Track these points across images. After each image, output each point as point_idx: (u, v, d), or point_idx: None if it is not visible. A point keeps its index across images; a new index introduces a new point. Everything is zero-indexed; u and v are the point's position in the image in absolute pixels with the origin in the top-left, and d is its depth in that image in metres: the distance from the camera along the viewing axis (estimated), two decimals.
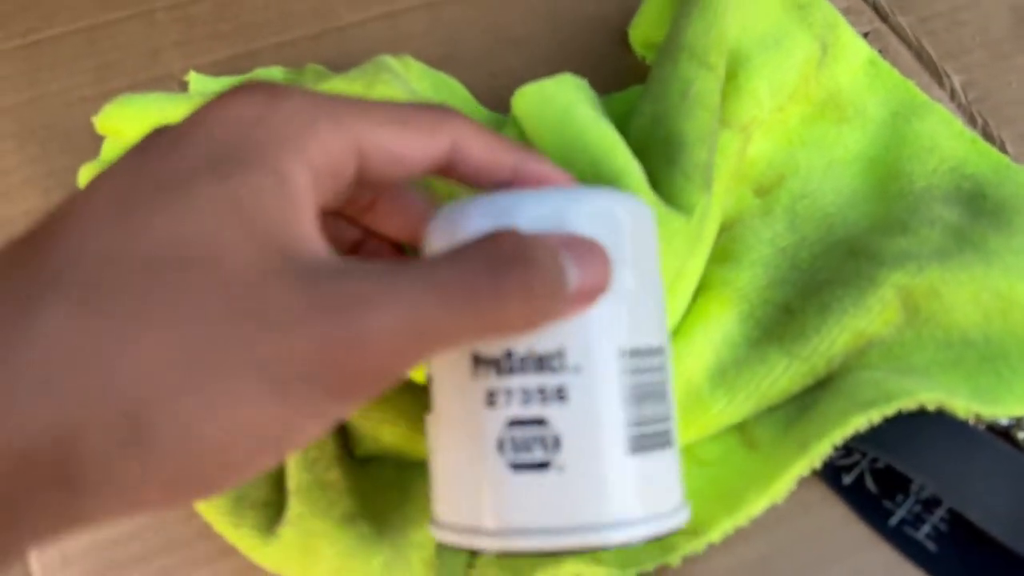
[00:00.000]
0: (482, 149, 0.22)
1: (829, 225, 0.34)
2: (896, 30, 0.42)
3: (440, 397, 0.23)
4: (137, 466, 0.16)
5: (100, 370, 0.15)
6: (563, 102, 0.31)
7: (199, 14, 0.41)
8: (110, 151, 0.35)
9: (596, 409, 0.21)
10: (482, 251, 0.19)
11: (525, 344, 0.21)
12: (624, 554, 0.28)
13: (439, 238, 0.23)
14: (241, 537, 0.28)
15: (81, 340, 0.15)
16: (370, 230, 0.25)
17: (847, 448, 0.30)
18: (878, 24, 0.42)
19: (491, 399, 0.21)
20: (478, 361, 0.22)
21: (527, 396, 0.21)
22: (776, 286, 0.32)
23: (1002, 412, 0.28)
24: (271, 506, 0.29)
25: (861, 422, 0.27)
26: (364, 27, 0.41)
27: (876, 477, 0.30)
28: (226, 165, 0.18)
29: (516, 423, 0.21)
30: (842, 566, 0.29)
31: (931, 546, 0.28)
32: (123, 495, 0.16)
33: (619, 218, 0.23)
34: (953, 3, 0.43)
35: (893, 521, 0.29)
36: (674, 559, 0.28)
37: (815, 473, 0.30)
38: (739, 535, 0.28)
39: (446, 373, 0.23)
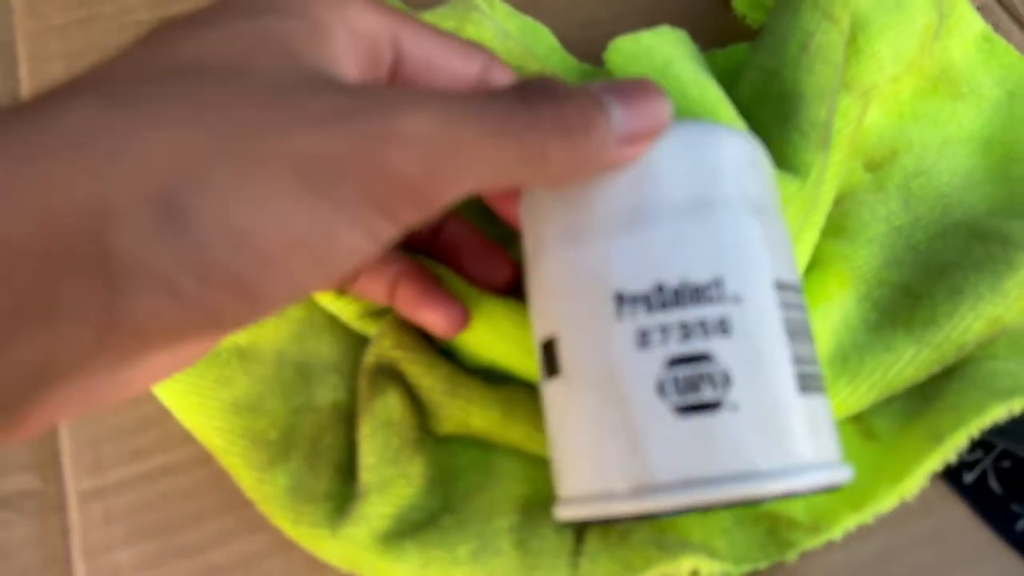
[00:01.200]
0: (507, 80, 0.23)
1: (945, 205, 0.32)
2: (1005, 5, 0.39)
3: (571, 354, 0.20)
4: (170, 251, 0.15)
5: (131, 151, 0.15)
6: (662, 56, 0.29)
7: None
8: None
9: (764, 341, 0.19)
10: (516, 89, 0.19)
11: (676, 274, 0.19)
12: (741, 549, 0.25)
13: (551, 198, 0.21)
14: (301, 534, 0.26)
15: (112, 124, 0.15)
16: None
17: (971, 444, 0.28)
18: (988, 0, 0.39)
19: (643, 339, 0.19)
20: (622, 300, 0.20)
21: (687, 331, 0.19)
22: (892, 266, 0.30)
23: None
24: (333, 498, 0.26)
25: (1001, 412, 0.25)
26: None
27: (1000, 477, 0.27)
28: (262, 8, 0.18)
29: (677, 361, 0.19)
30: (963, 572, 0.26)
31: None
32: (159, 288, 0.15)
33: (753, 156, 0.22)
34: None
35: (1020, 526, 0.27)
36: (791, 555, 0.25)
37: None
38: (856, 533, 0.26)
39: (578, 324, 0.20)
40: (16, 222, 0.14)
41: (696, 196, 0.20)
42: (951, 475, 0.28)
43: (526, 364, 0.27)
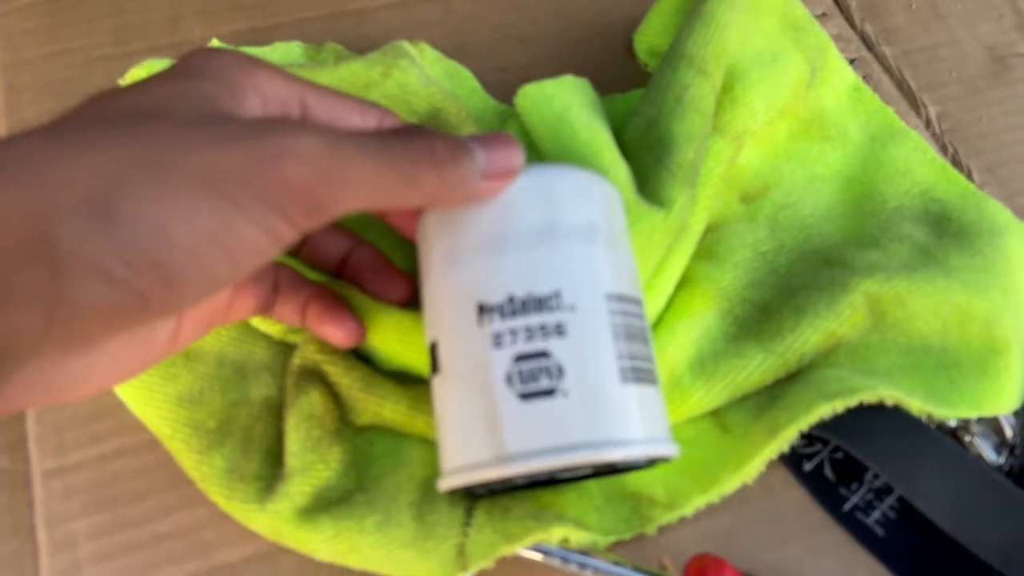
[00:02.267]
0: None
1: (806, 235, 0.37)
2: (880, 59, 0.45)
3: (447, 354, 0.25)
4: (103, 244, 0.19)
5: (67, 169, 0.19)
6: (561, 103, 0.33)
7: None
8: None
9: (591, 340, 0.24)
10: (396, 129, 0.24)
11: (524, 289, 0.24)
12: (609, 523, 0.30)
13: (436, 229, 0.26)
14: (233, 507, 0.30)
15: (55, 150, 0.19)
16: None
17: (810, 438, 0.33)
18: (864, 53, 0.45)
19: (497, 341, 0.24)
20: (483, 310, 0.24)
21: (530, 333, 0.24)
22: (755, 287, 0.35)
23: (952, 414, 0.31)
24: (262, 479, 0.30)
25: (826, 411, 0.30)
26: (379, 12, 0.43)
27: (834, 466, 0.32)
28: (186, 74, 0.22)
29: (522, 357, 0.24)
30: (798, 545, 0.31)
31: (879, 531, 0.31)
32: (95, 275, 0.19)
33: (595, 188, 0.27)
34: (934, 39, 0.45)
35: (847, 507, 0.32)
36: (651, 528, 0.30)
37: (780, 459, 0.32)
38: (708, 510, 0.31)
39: (451, 329, 0.25)
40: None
41: (543, 225, 0.25)
42: (793, 464, 0.32)
43: (424, 365, 0.31)
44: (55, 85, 0.39)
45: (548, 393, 0.23)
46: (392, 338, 0.31)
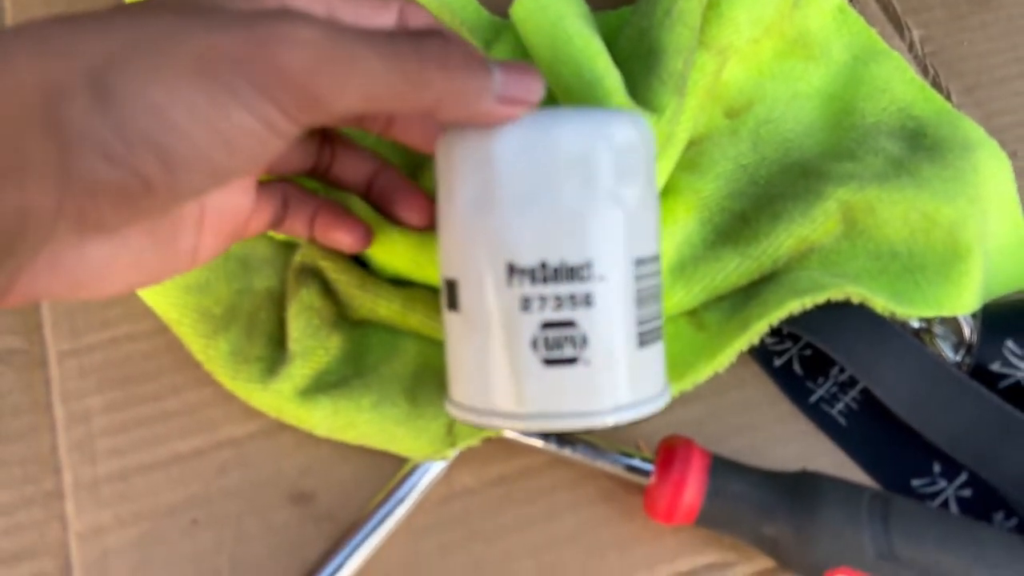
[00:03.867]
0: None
1: (787, 149, 0.39)
2: None
3: (469, 299, 0.26)
4: (102, 121, 0.19)
5: (69, 44, 0.19)
6: (556, 13, 0.34)
7: None
8: None
9: (617, 312, 0.25)
10: (412, 32, 0.23)
11: (557, 256, 0.25)
12: None
13: (464, 158, 0.26)
14: (238, 387, 0.32)
15: (58, 29, 0.20)
16: (398, 142, 0.30)
17: (780, 336, 0.35)
18: None
19: (526, 304, 0.25)
20: (513, 270, 0.25)
21: (560, 302, 0.25)
22: (735, 197, 0.37)
23: (914, 314, 0.33)
24: (264, 360, 0.32)
25: (796, 306, 0.32)
26: None
27: (802, 362, 0.34)
28: None
29: (549, 325, 0.25)
30: (765, 433, 0.33)
31: (842, 420, 0.33)
32: (97, 151, 0.19)
33: (631, 141, 0.26)
34: None
35: (812, 399, 0.34)
36: None
37: (752, 355, 0.34)
38: (683, 399, 0.33)
39: (476, 278, 0.26)
40: (8, 88, 0.19)
41: (580, 188, 0.25)
42: (764, 360, 0.34)
43: (419, 275, 0.33)
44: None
45: (571, 361, 0.25)
46: (404, 260, 0.32)
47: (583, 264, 0.25)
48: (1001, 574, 0.27)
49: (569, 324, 0.25)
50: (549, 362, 0.25)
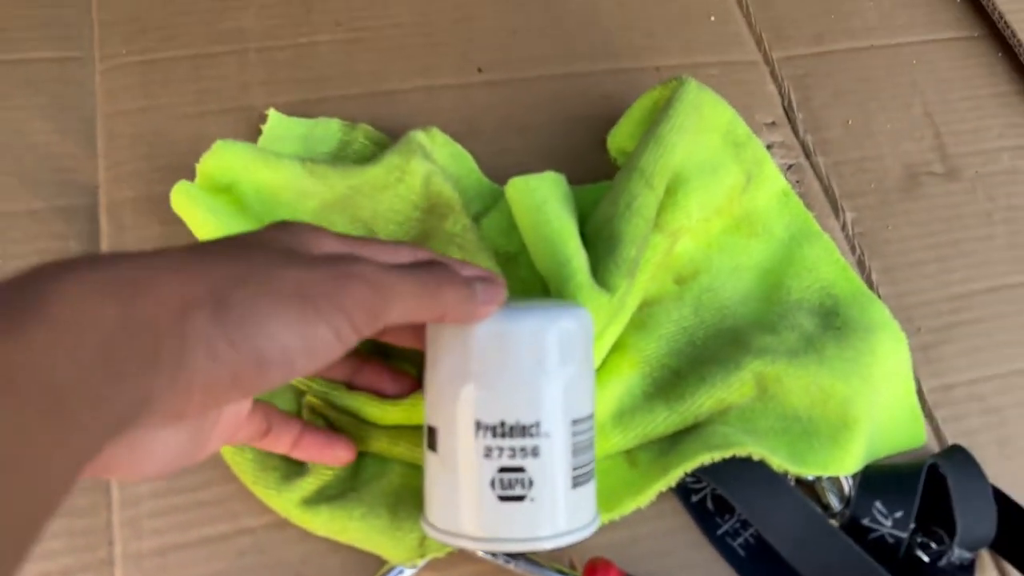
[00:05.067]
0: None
1: (723, 315, 0.47)
2: (814, 167, 0.54)
3: (444, 444, 0.34)
4: (216, 328, 0.25)
5: (199, 272, 0.26)
6: (541, 195, 0.43)
7: (283, 59, 0.53)
8: (203, 181, 0.45)
9: (557, 461, 0.34)
10: (424, 263, 0.32)
11: (513, 416, 0.33)
12: None
13: (447, 342, 0.34)
14: (257, 489, 0.40)
15: (189, 259, 0.26)
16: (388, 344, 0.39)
17: (698, 477, 0.42)
18: (802, 160, 0.54)
19: (488, 453, 0.33)
20: (479, 425, 0.33)
21: (513, 452, 0.33)
22: (673, 355, 0.45)
23: (805, 472, 0.41)
24: (279, 469, 0.40)
25: (707, 459, 0.39)
26: (407, 95, 0.52)
27: (714, 500, 0.42)
28: (267, 230, 0.30)
29: (504, 469, 0.33)
30: (678, 558, 0.41)
31: (741, 552, 0.41)
32: (205, 351, 0.24)
33: (573, 331, 0.35)
34: (863, 153, 0.55)
35: (719, 532, 0.42)
36: None
37: (674, 491, 0.42)
38: (611, 525, 0.40)
39: (451, 429, 0.34)
40: (151, 307, 0.24)
41: (533, 366, 0.33)
42: (683, 495, 0.42)
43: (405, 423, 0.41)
44: (146, 135, 0.49)
45: (519, 499, 0.33)
46: (393, 418, 0.40)
47: (533, 424, 0.33)
48: None
49: (520, 470, 0.33)
50: (503, 498, 0.33)
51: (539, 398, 0.34)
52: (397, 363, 0.42)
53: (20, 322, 0.21)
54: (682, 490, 0.42)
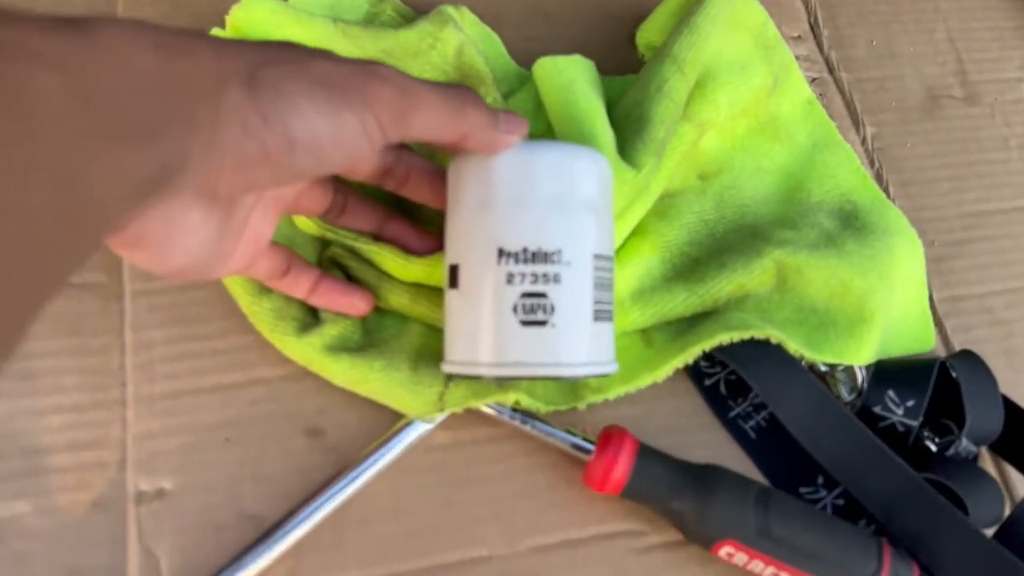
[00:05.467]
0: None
1: (743, 212, 0.47)
2: (837, 83, 0.54)
3: (467, 276, 0.34)
4: (248, 102, 0.25)
5: (236, 51, 0.26)
6: (569, 76, 0.42)
7: None
8: (232, 33, 0.45)
9: (578, 290, 0.33)
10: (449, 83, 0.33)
11: (535, 243, 0.33)
12: (549, 395, 0.40)
13: (469, 175, 0.34)
14: (275, 338, 0.39)
15: (226, 41, 0.26)
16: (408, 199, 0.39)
17: (713, 361, 0.43)
18: (825, 75, 0.54)
19: (510, 279, 0.33)
20: (502, 253, 0.33)
21: (535, 278, 0.33)
22: (693, 244, 0.45)
23: (820, 359, 0.41)
24: (299, 320, 0.40)
25: (725, 338, 0.40)
26: None
27: (727, 385, 0.43)
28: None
29: (527, 295, 0.33)
30: (689, 436, 0.41)
31: (752, 434, 0.41)
32: (238, 123, 0.25)
33: (594, 169, 0.35)
34: (884, 72, 0.55)
35: (731, 415, 0.42)
36: (581, 405, 0.40)
37: (688, 373, 0.43)
38: (626, 399, 0.41)
39: (473, 260, 0.34)
40: (189, 68, 0.24)
41: (555, 196, 0.33)
42: (697, 378, 0.43)
43: (432, 282, 0.40)
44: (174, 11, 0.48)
45: (541, 323, 0.33)
46: (415, 275, 0.40)
47: (554, 251, 0.33)
48: (847, 552, 0.35)
49: (542, 295, 0.33)
50: (525, 323, 0.33)
51: (562, 226, 0.34)
52: (423, 226, 0.42)
53: (73, 43, 0.21)
54: (696, 374, 0.43)
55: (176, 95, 0.24)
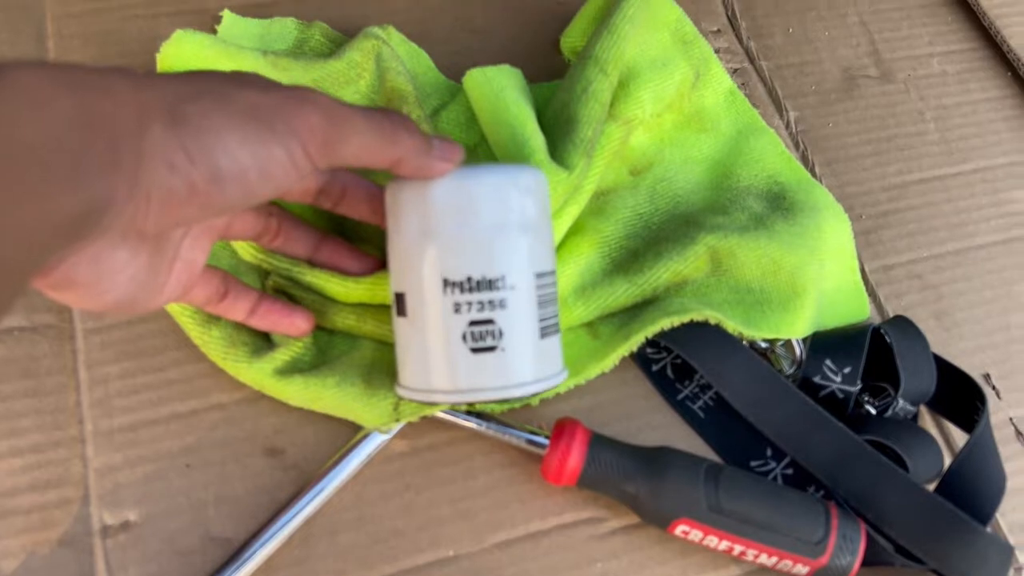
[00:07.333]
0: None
1: (676, 203, 0.48)
2: (758, 71, 0.56)
3: (413, 307, 0.35)
4: (172, 141, 0.25)
5: (159, 87, 0.26)
6: (498, 84, 0.44)
7: None
8: (162, 70, 0.45)
9: (524, 312, 0.34)
10: (380, 108, 0.32)
11: (479, 272, 0.34)
12: None
13: (409, 201, 0.35)
14: (227, 365, 0.40)
15: (147, 75, 0.26)
16: (344, 216, 0.39)
17: (659, 347, 0.44)
18: (746, 64, 0.56)
19: (457, 308, 0.34)
20: (447, 283, 0.34)
21: (481, 306, 0.34)
22: (630, 237, 0.46)
23: (758, 336, 0.43)
24: (249, 345, 0.40)
25: (666, 324, 0.41)
26: None
27: (674, 369, 0.44)
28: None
29: (474, 323, 0.34)
30: (640, 421, 0.43)
31: (701, 414, 0.43)
32: (163, 162, 0.25)
33: (532, 188, 0.36)
34: (802, 58, 0.57)
35: (679, 397, 0.43)
36: (535, 401, 0.41)
37: (635, 361, 0.44)
38: (576, 391, 0.42)
39: (419, 289, 0.34)
40: (108, 105, 0.23)
41: (495, 222, 0.34)
42: (644, 365, 0.44)
43: (371, 302, 0.41)
44: (97, 36, 0.49)
45: (491, 349, 0.34)
46: (358, 295, 0.41)
47: (498, 277, 0.34)
48: (796, 519, 0.37)
49: (490, 322, 0.34)
50: (475, 350, 0.34)
51: (504, 251, 0.34)
52: (361, 246, 0.43)
53: None
54: (643, 360, 0.44)
55: (96, 136, 0.23)
